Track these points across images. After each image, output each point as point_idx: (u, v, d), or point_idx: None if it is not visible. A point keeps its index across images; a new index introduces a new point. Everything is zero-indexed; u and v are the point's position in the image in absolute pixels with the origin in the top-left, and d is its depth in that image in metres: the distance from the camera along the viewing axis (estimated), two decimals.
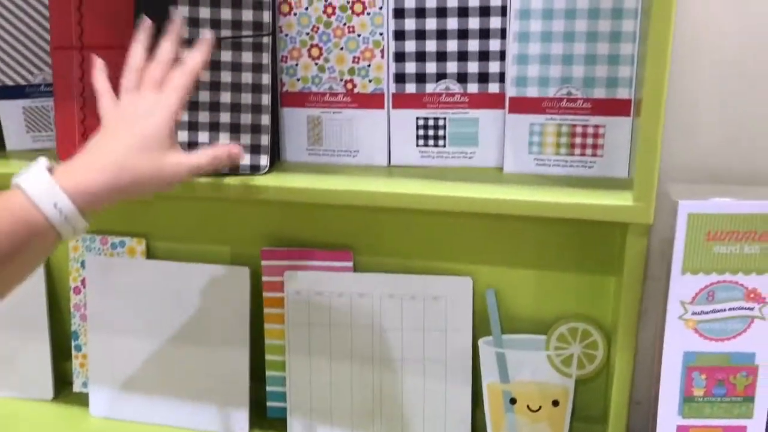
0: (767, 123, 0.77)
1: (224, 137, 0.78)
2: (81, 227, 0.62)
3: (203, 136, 0.78)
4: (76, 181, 0.62)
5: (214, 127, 0.78)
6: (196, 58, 0.71)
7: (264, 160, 0.79)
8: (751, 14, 0.74)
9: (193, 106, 0.77)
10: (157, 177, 0.66)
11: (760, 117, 0.77)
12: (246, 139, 0.78)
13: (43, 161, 0.63)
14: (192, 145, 0.78)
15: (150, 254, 0.98)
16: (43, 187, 0.60)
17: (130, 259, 0.97)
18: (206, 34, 0.71)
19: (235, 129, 0.78)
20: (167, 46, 0.71)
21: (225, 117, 0.78)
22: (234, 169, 0.79)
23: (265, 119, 0.78)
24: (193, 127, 0.78)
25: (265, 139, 0.79)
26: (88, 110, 0.80)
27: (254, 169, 0.79)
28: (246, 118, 0.78)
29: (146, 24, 0.71)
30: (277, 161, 0.84)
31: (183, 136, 0.77)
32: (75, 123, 0.80)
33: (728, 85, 0.77)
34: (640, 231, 0.70)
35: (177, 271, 0.94)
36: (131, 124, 0.66)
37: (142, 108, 0.67)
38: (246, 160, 0.79)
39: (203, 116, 0.77)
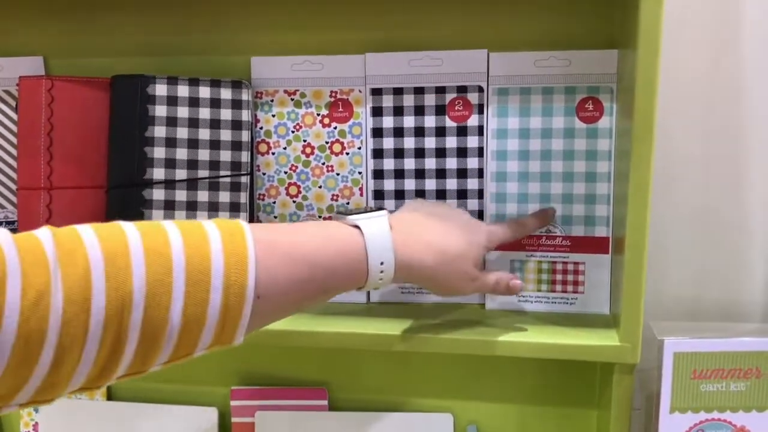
0: (734, 263, 0.80)
1: None
2: (384, 287, 0.61)
3: None
4: (407, 253, 0.60)
5: None
6: (534, 223, 0.73)
7: None
8: (713, 171, 0.79)
9: None
10: (457, 282, 0.65)
11: (728, 257, 0.80)
12: None
13: (385, 213, 0.61)
14: None
15: (111, 395, 0.92)
16: (381, 243, 0.58)
17: (89, 401, 0.91)
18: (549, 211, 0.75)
19: None
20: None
21: None
22: None
23: None
24: None
25: None
26: None
27: None
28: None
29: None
30: None
31: None
32: None
33: (697, 228, 0.80)
34: (627, 369, 0.69)
35: (140, 413, 0.89)
36: (465, 228, 0.66)
37: (474, 223, 0.68)
38: None
39: None
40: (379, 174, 0.79)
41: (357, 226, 0.58)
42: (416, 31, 0.78)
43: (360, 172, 0.79)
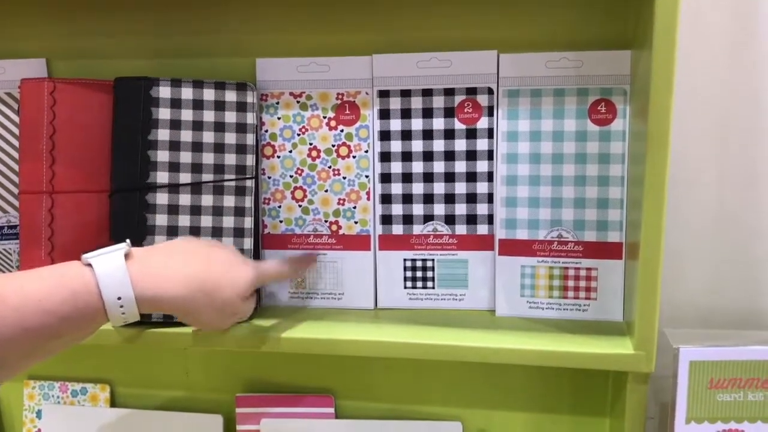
0: (751, 269, 0.78)
1: None
2: (133, 321, 0.60)
3: None
4: (149, 285, 0.59)
5: None
6: (301, 263, 0.76)
7: None
8: (729, 175, 0.77)
9: None
10: (216, 316, 0.64)
11: (744, 263, 0.78)
12: None
13: (123, 247, 0.60)
14: None
15: (114, 402, 0.91)
16: (115, 279, 0.58)
17: (92, 407, 0.90)
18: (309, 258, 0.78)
19: None
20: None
21: None
22: None
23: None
24: None
25: None
26: (55, 255, 0.76)
27: None
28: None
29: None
30: (258, 306, 0.80)
31: None
32: None
33: (713, 233, 0.78)
34: (641, 378, 0.67)
35: (144, 420, 0.88)
36: (227, 260, 0.65)
37: (240, 258, 0.68)
38: None
39: None
40: (386, 178, 0.77)
41: (90, 265, 0.58)
42: (424, 32, 0.76)
43: (367, 176, 0.77)
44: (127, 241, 0.61)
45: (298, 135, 0.78)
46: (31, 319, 0.54)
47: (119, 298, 0.57)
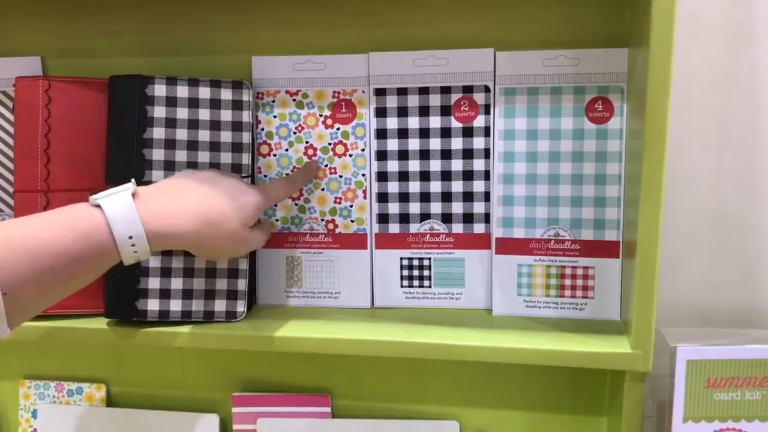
0: (748, 267, 0.78)
1: (199, 283, 0.74)
2: (145, 258, 0.61)
3: (176, 282, 0.73)
4: (158, 222, 0.60)
5: (189, 273, 0.74)
6: (304, 174, 0.76)
7: (241, 306, 0.75)
8: (727, 173, 0.77)
9: (167, 251, 0.73)
10: (226, 245, 0.66)
11: (741, 261, 0.78)
12: (222, 284, 0.74)
13: (130, 187, 0.61)
14: (164, 292, 0.73)
15: (110, 401, 0.91)
16: (125, 218, 0.59)
17: (88, 407, 0.90)
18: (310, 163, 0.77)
19: (210, 274, 0.74)
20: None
21: (201, 261, 0.74)
22: (209, 316, 0.74)
23: (243, 263, 0.75)
24: (166, 273, 0.73)
25: (242, 284, 0.75)
26: None
27: (230, 316, 0.75)
28: (223, 262, 0.74)
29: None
30: (253, 305, 0.80)
31: (155, 283, 0.73)
32: None
33: (710, 231, 0.78)
34: (638, 377, 0.67)
35: (140, 419, 0.88)
36: (230, 189, 0.67)
37: (244, 186, 0.69)
38: (222, 306, 0.74)
39: (177, 261, 0.73)
40: (383, 176, 0.77)
41: (99, 206, 0.59)
42: (421, 30, 0.76)
43: (363, 175, 0.77)
44: (132, 180, 0.62)
45: (295, 133, 0.78)
46: (43, 261, 0.55)
47: (131, 237, 0.58)
